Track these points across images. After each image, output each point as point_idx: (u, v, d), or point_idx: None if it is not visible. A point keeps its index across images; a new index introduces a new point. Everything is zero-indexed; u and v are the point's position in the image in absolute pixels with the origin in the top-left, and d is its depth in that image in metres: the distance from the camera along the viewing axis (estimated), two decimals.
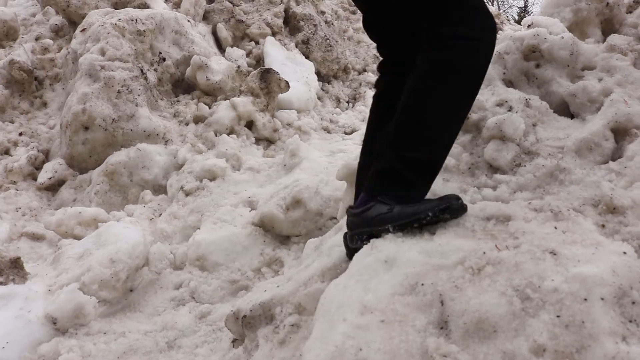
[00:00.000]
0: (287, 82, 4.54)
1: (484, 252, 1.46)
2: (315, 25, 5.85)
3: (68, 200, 3.93)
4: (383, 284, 1.47)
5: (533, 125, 2.23)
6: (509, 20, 10.84)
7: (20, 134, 4.44)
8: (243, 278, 2.93)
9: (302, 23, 5.83)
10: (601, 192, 1.81)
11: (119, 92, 4.04)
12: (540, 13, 2.90)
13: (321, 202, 3.08)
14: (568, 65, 2.41)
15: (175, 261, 3.14)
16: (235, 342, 2.29)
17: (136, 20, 4.44)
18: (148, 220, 3.53)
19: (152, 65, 4.50)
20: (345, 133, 4.89)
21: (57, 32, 5.27)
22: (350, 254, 1.88)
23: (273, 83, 4.45)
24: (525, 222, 1.60)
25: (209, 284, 2.91)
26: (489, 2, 10.50)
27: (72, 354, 2.39)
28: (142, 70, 4.28)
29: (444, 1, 1.68)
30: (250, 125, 4.35)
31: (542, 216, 1.65)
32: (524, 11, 23.63)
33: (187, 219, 3.43)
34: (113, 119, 3.98)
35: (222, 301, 2.83)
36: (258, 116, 4.34)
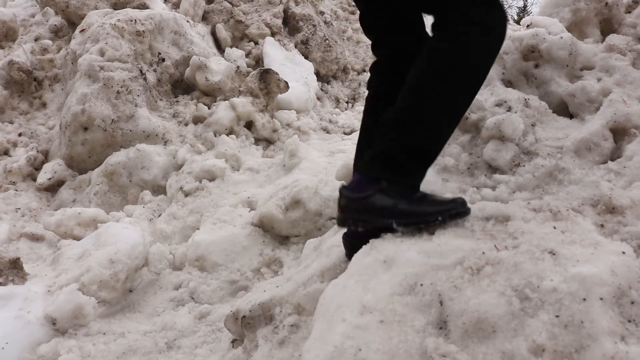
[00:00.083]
0: (286, 83, 4.54)
1: (483, 252, 1.46)
2: (314, 26, 5.85)
3: (67, 200, 3.93)
4: (382, 284, 1.47)
5: (532, 125, 2.23)
6: (508, 21, 10.83)
7: (20, 135, 4.44)
8: (242, 278, 2.93)
9: (301, 23, 5.83)
10: (600, 192, 1.82)
11: (118, 92, 4.03)
12: (539, 13, 2.90)
13: (320, 202, 3.08)
14: (567, 65, 2.41)
15: (174, 261, 3.14)
16: (234, 343, 2.29)
17: (135, 20, 4.44)
18: (147, 221, 3.53)
19: (151, 65, 4.50)
20: (344, 133, 4.88)
21: (57, 33, 5.27)
22: (349, 254, 1.87)
23: (272, 83, 4.45)
24: (524, 222, 1.60)
25: (209, 285, 2.91)
26: None
27: (71, 354, 2.39)
28: (141, 71, 4.28)
29: None
30: (249, 125, 4.35)
31: (541, 216, 1.65)
32: (523, 11, 23.65)
33: (187, 219, 3.43)
34: (112, 120, 3.97)
35: (221, 301, 2.82)
36: (257, 116, 4.34)
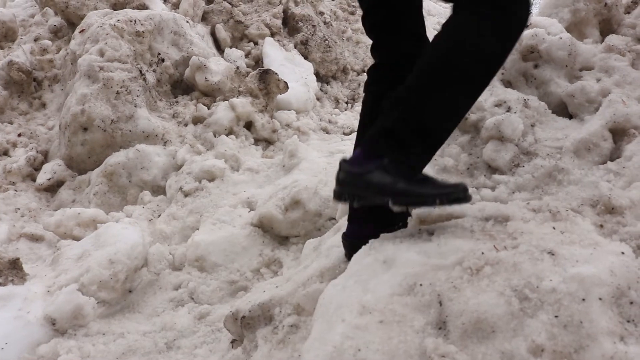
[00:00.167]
0: (286, 83, 4.53)
1: (483, 253, 1.46)
2: (314, 26, 5.85)
3: (67, 201, 3.92)
4: (382, 285, 1.47)
5: (531, 125, 2.23)
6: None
7: (19, 135, 4.43)
8: (242, 279, 2.93)
9: (300, 24, 5.83)
10: (599, 193, 1.82)
11: (117, 93, 4.03)
12: (538, 13, 2.90)
13: (320, 202, 3.08)
14: (566, 66, 2.42)
15: (174, 262, 3.14)
16: (234, 343, 2.29)
17: (135, 21, 4.44)
18: (147, 221, 3.52)
19: (150, 66, 4.50)
20: (344, 134, 4.88)
21: (56, 33, 5.26)
22: (349, 255, 1.87)
23: (272, 84, 4.45)
24: (524, 222, 1.61)
25: (208, 285, 2.90)
26: None
27: (71, 354, 2.39)
28: (140, 71, 4.28)
29: None
30: (249, 126, 4.35)
31: (540, 216, 1.65)
32: None
33: (186, 219, 3.43)
34: (112, 120, 3.97)
35: (221, 302, 2.83)
36: (257, 117, 4.33)
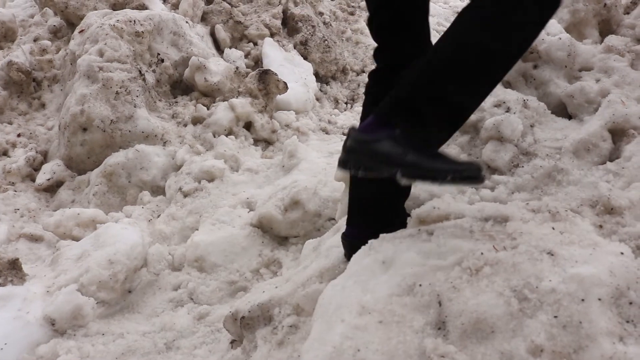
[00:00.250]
0: (285, 83, 4.53)
1: (482, 253, 1.46)
2: (313, 27, 5.84)
3: (66, 201, 3.92)
4: (381, 285, 1.47)
5: (531, 126, 2.23)
6: None
7: (19, 135, 4.43)
8: (241, 279, 2.93)
9: (300, 24, 5.83)
10: (599, 193, 1.82)
11: (117, 93, 4.03)
12: None
13: (319, 203, 3.08)
14: (565, 66, 2.42)
15: (173, 262, 3.14)
16: (233, 343, 2.29)
17: (134, 21, 4.44)
18: (146, 222, 3.52)
19: (150, 66, 4.50)
20: (343, 134, 4.87)
21: (56, 34, 5.26)
22: (348, 255, 1.87)
23: (271, 84, 4.45)
24: (523, 222, 1.61)
25: (208, 285, 2.90)
26: None
27: (70, 355, 2.39)
28: (140, 72, 4.28)
29: None
30: (248, 126, 4.35)
31: (539, 217, 1.65)
32: None
33: (186, 220, 3.43)
34: (111, 120, 3.97)
35: (220, 302, 2.82)
36: (256, 117, 4.33)
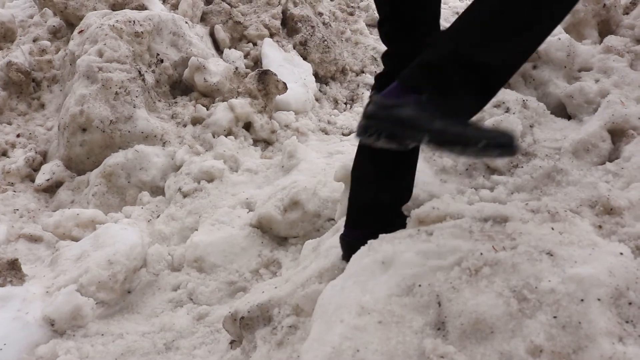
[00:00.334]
0: (284, 84, 4.53)
1: (481, 253, 1.46)
2: (313, 27, 5.84)
3: (66, 201, 3.92)
4: (380, 285, 1.47)
5: (530, 126, 2.23)
6: None
7: (18, 136, 4.43)
8: (241, 279, 2.93)
9: (299, 24, 5.83)
10: (598, 193, 1.82)
11: (116, 93, 4.03)
12: None
13: (319, 203, 3.08)
14: (565, 67, 2.42)
15: (173, 263, 3.13)
16: (233, 344, 2.29)
17: (134, 21, 4.44)
18: (146, 222, 3.52)
19: (149, 66, 4.50)
20: (343, 134, 4.88)
21: (55, 34, 5.26)
22: (346, 256, 1.87)
23: (271, 84, 4.45)
24: (523, 223, 1.61)
25: (207, 286, 2.90)
26: None
27: (69, 355, 2.39)
28: (139, 72, 4.28)
29: None
30: (248, 126, 4.35)
31: (539, 217, 1.65)
32: None
33: (185, 220, 3.43)
34: (111, 121, 3.97)
35: (220, 302, 2.82)
36: (256, 117, 4.33)
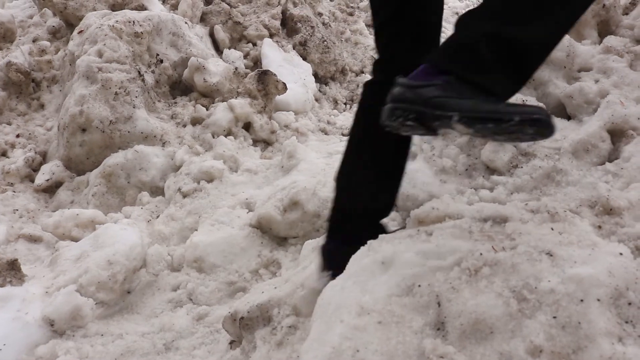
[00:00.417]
0: (284, 84, 4.53)
1: (481, 254, 1.46)
2: (312, 27, 5.84)
3: (65, 202, 3.92)
4: (380, 286, 1.47)
5: None
6: None
7: (18, 136, 4.43)
8: (240, 280, 2.93)
9: (299, 25, 5.83)
10: (598, 194, 1.82)
11: (116, 94, 4.03)
12: None
13: (319, 203, 3.08)
14: (564, 67, 2.42)
15: (172, 263, 3.13)
16: (232, 344, 2.29)
17: (133, 22, 4.44)
18: (145, 222, 3.52)
19: (149, 67, 4.50)
20: (342, 135, 4.88)
21: (55, 34, 5.26)
22: (326, 267, 1.82)
23: (270, 85, 4.45)
24: (522, 223, 1.61)
25: (207, 286, 2.90)
26: None
27: (69, 355, 2.39)
28: (139, 72, 4.28)
29: None
30: (247, 127, 4.34)
31: (538, 217, 1.65)
32: None
33: (185, 220, 3.43)
34: (110, 121, 3.97)
35: (219, 303, 2.82)
36: (255, 118, 4.33)
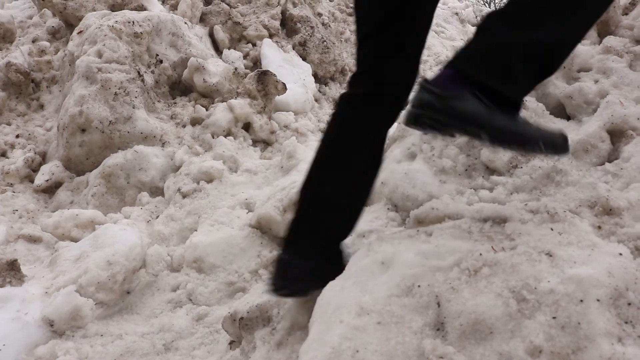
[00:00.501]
0: (284, 84, 4.53)
1: (481, 254, 1.46)
2: (312, 27, 5.84)
3: (65, 202, 3.92)
4: (380, 286, 1.47)
5: None
6: None
7: (17, 136, 4.42)
8: (240, 280, 2.93)
9: (299, 25, 5.83)
10: (597, 194, 1.82)
11: (115, 94, 4.03)
12: None
13: None
14: (564, 67, 2.42)
15: (172, 263, 3.13)
16: (232, 344, 2.29)
17: (133, 22, 4.44)
18: (145, 222, 3.52)
19: (149, 67, 4.50)
20: None
21: (54, 34, 5.26)
22: (274, 281, 1.74)
23: (270, 85, 4.45)
24: (522, 223, 1.61)
25: (206, 286, 2.90)
26: (486, 4, 10.52)
27: (68, 356, 2.38)
28: (139, 73, 4.28)
29: None
30: (247, 127, 4.35)
31: (538, 218, 1.65)
32: None
33: (184, 221, 3.43)
34: (110, 121, 3.97)
35: (219, 303, 2.82)
36: (255, 118, 4.33)
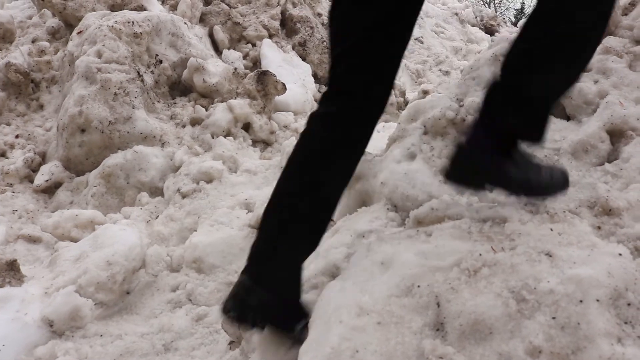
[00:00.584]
0: (283, 84, 4.54)
1: (480, 254, 1.46)
2: (312, 28, 5.85)
3: (65, 202, 3.92)
4: (379, 286, 1.47)
5: None
6: (505, 23, 10.85)
7: (17, 137, 4.43)
8: None
9: (298, 25, 5.83)
10: (597, 194, 1.82)
11: (115, 94, 4.03)
12: None
13: None
14: None
15: (171, 263, 3.13)
16: (232, 345, 2.29)
17: (133, 22, 4.44)
18: (145, 223, 3.52)
19: (148, 67, 4.50)
20: None
21: (54, 35, 5.26)
22: (227, 305, 1.65)
23: (270, 85, 4.45)
24: (521, 224, 1.61)
25: (206, 286, 2.90)
26: (486, 4, 10.50)
27: (68, 356, 2.38)
28: (138, 73, 4.28)
29: None
30: (247, 127, 4.35)
31: (538, 218, 1.65)
32: (520, 13, 23.67)
33: (184, 221, 3.43)
34: (110, 121, 3.97)
35: (218, 303, 2.82)
36: (255, 118, 4.33)
